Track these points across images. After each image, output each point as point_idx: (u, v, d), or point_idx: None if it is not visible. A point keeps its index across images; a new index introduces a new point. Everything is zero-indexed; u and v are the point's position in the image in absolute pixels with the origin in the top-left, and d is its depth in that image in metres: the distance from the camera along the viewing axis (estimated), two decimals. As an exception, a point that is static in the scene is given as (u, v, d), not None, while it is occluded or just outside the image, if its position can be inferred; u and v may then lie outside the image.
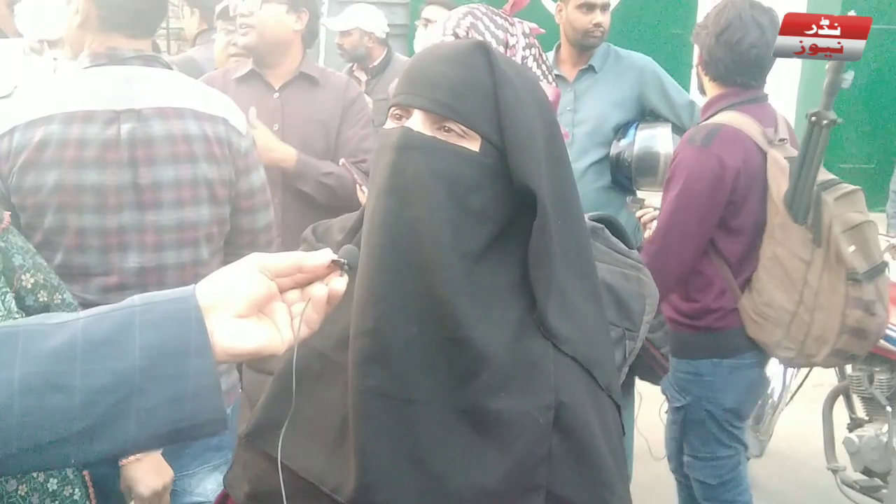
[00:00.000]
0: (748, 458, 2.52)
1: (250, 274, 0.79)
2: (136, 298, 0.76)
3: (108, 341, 0.72)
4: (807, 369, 3.14)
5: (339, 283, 0.82)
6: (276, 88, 2.49)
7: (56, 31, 2.23)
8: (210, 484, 2.01)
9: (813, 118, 2.06)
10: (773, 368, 3.14)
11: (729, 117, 2.21)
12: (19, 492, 1.25)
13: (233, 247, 1.89)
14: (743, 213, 2.18)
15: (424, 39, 3.50)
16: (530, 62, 1.89)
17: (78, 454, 0.73)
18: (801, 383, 3.17)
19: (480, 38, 1.84)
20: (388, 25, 4.35)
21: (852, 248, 2.07)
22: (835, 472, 2.95)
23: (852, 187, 2.18)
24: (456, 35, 1.86)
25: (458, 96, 0.92)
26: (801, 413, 3.40)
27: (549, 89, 1.89)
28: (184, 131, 1.70)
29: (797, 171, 2.07)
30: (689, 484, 2.62)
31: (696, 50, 2.32)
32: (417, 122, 0.92)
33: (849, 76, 2.02)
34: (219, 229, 1.81)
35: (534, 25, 1.95)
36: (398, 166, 0.91)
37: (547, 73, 1.90)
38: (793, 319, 2.11)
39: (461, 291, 0.90)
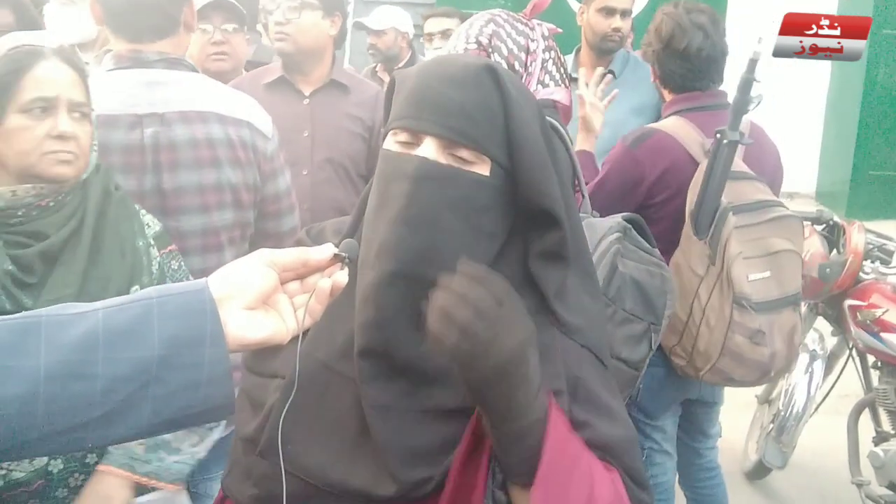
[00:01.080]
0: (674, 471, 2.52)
1: (259, 268, 0.83)
2: (151, 290, 0.79)
3: (129, 331, 0.75)
4: (832, 380, 3.10)
5: (341, 276, 0.86)
6: (307, 95, 2.48)
7: (85, 34, 2.24)
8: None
9: (718, 135, 2.05)
10: (797, 378, 3.10)
11: (670, 123, 2.23)
12: None
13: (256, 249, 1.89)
14: (661, 219, 2.18)
15: (428, 55, 3.42)
16: (550, 65, 1.88)
17: (95, 439, 0.76)
18: (826, 395, 3.12)
19: (503, 45, 1.83)
20: (414, 26, 4.35)
21: (767, 273, 2.07)
22: (859, 486, 2.90)
23: (788, 213, 2.15)
24: (479, 43, 1.84)
25: (471, 122, 0.93)
26: (826, 425, 3.35)
27: (563, 92, 1.88)
28: (207, 135, 1.69)
29: (703, 186, 2.06)
30: (695, 497, 2.60)
31: (651, 67, 2.34)
32: (431, 149, 0.93)
33: (757, 98, 2.01)
34: (241, 233, 1.81)
35: (551, 26, 1.94)
36: (415, 196, 0.93)
37: (564, 75, 1.89)
38: (684, 329, 2.13)
39: None
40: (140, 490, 1.42)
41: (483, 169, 0.94)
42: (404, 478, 0.91)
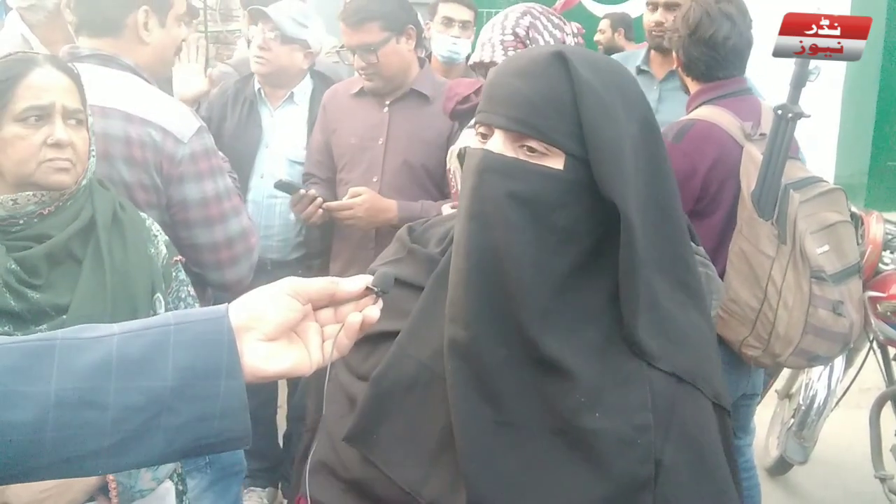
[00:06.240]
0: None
1: (282, 298, 0.81)
2: (170, 316, 0.78)
3: (143, 360, 0.74)
4: (853, 373, 3.06)
5: (373, 311, 0.84)
6: (387, 103, 2.49)
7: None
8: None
9: (779, 112, 2.03)
10: (817, 372, 3.06)
11: (706, 112, 2.20)
12: None
13: (192, 265, 1.79)
14: (718, 208, 2.16)
15: (444, 40, 3.36)
16: None
17: (105, 466, 0.75)
18: (847, 388, 3.08)
19: (540, 37, 1.85)
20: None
21: (825, 247, 2.06)
22: (882, 480, 2.87)
23: (832, 186, 2.16)
24: (515, 34, 1.87)
25: (537, 112, 0.89)
26: (847, 419, 3.31)
27: None
28: (103, 130, 1.68)
29: (764, 165, 2.04)
30: None
31: (675, 54, 2.32)
32: (498, 142, 0.91)
33: (816, 70, 2.01)
34: None
35: (578, 25, 1.93)
36: (479, 190, 0.90)
37: None
38: (757, 317, 2.09)
39: (546, 313, 0.90)
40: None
41: (556, 162, 0.90)
42: (475, 496, 0.88)
